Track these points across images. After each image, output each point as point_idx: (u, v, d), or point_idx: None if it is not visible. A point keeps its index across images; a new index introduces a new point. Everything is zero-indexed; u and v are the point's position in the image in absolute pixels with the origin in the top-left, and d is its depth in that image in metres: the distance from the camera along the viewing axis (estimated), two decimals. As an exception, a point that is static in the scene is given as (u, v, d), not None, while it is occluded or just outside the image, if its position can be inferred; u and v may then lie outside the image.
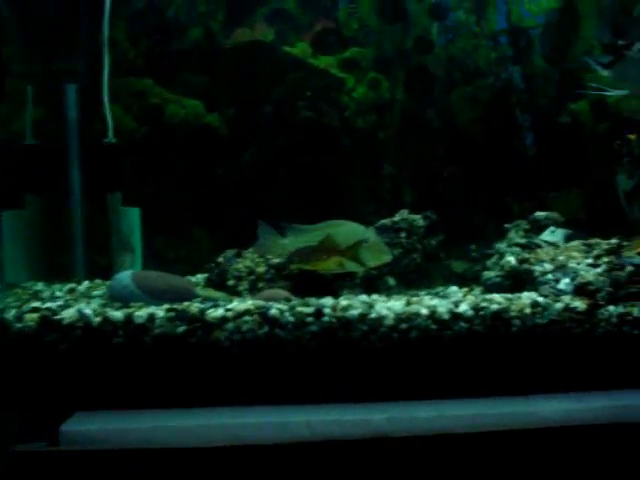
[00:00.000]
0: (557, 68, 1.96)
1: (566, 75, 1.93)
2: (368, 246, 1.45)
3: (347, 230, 1.47)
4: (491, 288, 1.53)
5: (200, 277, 1.73)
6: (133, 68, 1.83)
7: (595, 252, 1.51)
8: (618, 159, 1.57)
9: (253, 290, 1.51)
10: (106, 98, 1.71)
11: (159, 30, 1.85)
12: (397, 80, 1.93)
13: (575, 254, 1.50)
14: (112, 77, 1.72)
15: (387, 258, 1.49)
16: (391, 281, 1.56)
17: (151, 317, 1.31)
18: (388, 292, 1.51)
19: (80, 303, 1.44)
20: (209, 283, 1.62)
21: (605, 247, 1.51)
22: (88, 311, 1.33)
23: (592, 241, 1.55)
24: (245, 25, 1.92)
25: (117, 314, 1.32)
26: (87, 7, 1.70)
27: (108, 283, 1.54)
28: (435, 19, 2.03)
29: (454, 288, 1.59)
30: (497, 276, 1.55)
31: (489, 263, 1.58)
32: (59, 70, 1.70)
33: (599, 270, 1.43)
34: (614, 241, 1.53)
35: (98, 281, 1.70)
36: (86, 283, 1.69)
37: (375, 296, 1.46)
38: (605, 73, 1.61)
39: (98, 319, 1.31)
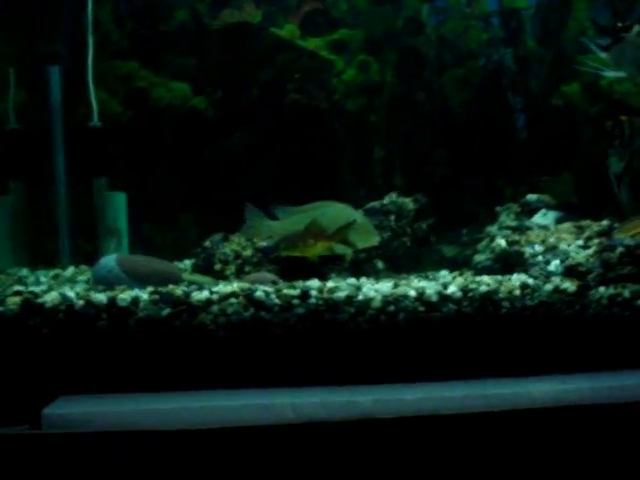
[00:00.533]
0: (549, 50, 1.94)
1: (558, 57, 1.91)
2: (356, 228, 1.44)
3: (335, 211, 1.45)
4: (482, 271, 1.52)
5: (188, 262, 1.71)
6: (118, 51, 1.81)
7: (586, 234, 1.50)
8: (609, 141, 1.55)
9: (240, 274, 1.50)
10: (90, 81, 1.68)
11: (144, 12, 1.83)
12: (387, 62, 1.91)
13: (566, 236, 1.48)
14: (97, 60, 1.70)
15: (375, 240, 1.48)
16: (380, 264, 1.54)
17: (135, 300, 1.29)
18: (377, 275, 1.50)
19: (64, 287, 1.43)
20: (196, 268, 1.60)
21: (596, 229, 1.50)
22: (71, 294, 1.31)
23: (583, 223, 1.53)
24: (232, 6, 1.89)
25: (100, 297, 1.29)
26: (69, -12, 1.68)
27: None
28: (425, 1, 2.01)
29: (444, 272, 1.58)
30: (487, 259, 1.53)
31: (480, 246, 1.57)
32: (42, 52, 1.67)
33: (589, 252, 1.42)
34: (605, 223, 1.52)
35: (84, 267, 1.68)
36: (71, 269, 1.67)
37: (364, 279, 1.45)
38: (603, 55, 1.59)
39: (81, 302, 1.28)
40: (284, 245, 1.44)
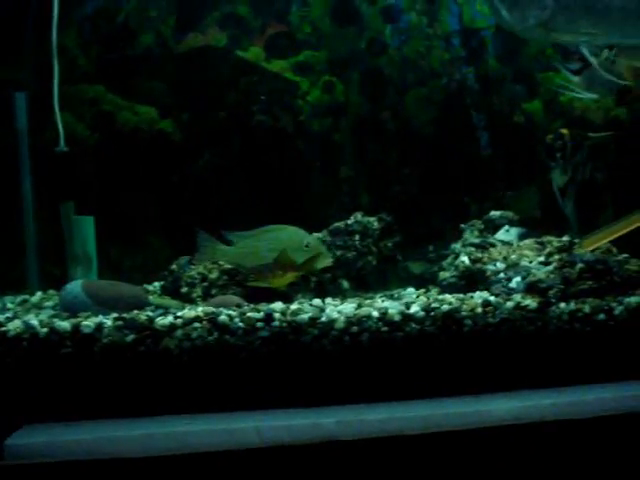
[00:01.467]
0: (510, 68, 1.98)
1: (519, 75, 1.95)
2: (309, 250, 1.46)
3: (287, 234, 1.47)
4: (446, 289, 1.54)
5: (157, 285, 1.71)
6: (84, 75, 1.82)
7: (547, 250, 1.52)
8: (551, 155, 1.57)
9: (206, 297, 1.50)
10: (57, 106, 1.69)
11: (109, 36, 1.83)
12: (351, 83, 1.93)
13: (527, 252, 1.51)
14: (63, 84, 1.70)
15: (328, 262, 1.50)
16: (345, 284, 1.55)
17: (99, 326, 1.29)
18: (342, 295, 1.51)
19: (30, 314, 1.43)
20: (164, 291, 1.60)
21: (557, 245, 1.52)
22: (34, 322, 1.30)
23: (544, 239, 1.55)
24: (197, 30, 1.91)
25: (64, 324, 1.29)
26: (33, 13, 1.68)
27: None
28: (388, 21, 2.03)
29: (411, 289, 1.59)
30: (452, 276, 1.55)
31: (444, 264, 1.59)
32: (4, 78, 1.68)
33: (550, 268, 1.45)
34: (566, 239, 1.54)
35: (51, 292, 1.68)
36: (39, 294, 1.66)
37: (329, 300, 1.46)
38: (575, 79, 1.63)
39: (45, 330, 1.29)
40: (253, 277, 1.47)
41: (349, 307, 1.35)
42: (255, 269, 1.47)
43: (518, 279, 1.44)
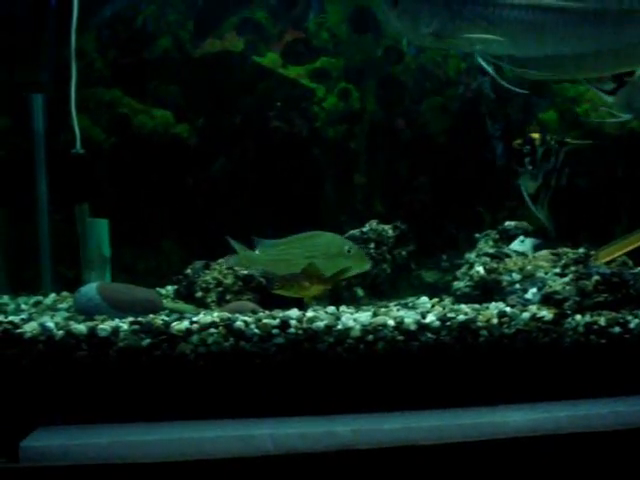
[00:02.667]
0: (526, 78, 1.98)
1: (535, 85, 1.95)
2: (350, 256, 1.45)
3: (325, 241, 1.47)
4: (460, 298, 1.54)
5: (170, 289, 1.71)
6: (101, 78, 1.82)
7: (563, 262, 1.52)
8: (519, 160, 1.54)
9: (221, 302, 1.50)
10: (73, 108, 1.69)
11: (128, 40, 1.84)
12: (367, 90, 1.94)
13: (543, 263, 1.50)
14: (80, 87, 1.71)
15: (367, 266, 1.49)
16: (360, 292, 1.55)
17: (115, 330, 1.29)
18: (357, 303, 1.51)
19: (44, 316, 1.43)
20: (178, 295, 1.60)
21: (572, 257, 1.52)
22: (51, 324, 1.30)
23: (560, 250, 1.55)
24: (214, 35, 1.92)
25: (80, 327, 1.29)
26: (52, 17, 1.69)
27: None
28: (405, 30, 2.04)
29: (424, 298, 1.59)
30: (466, 286, 1.55)
31: (459, 273, 1.58)
32: (23, 80, 1.68)
33: (566, 279, 1.44)
34: (581, 250, 1.54)
35: (65, 294, 1.68)
36: (53, 296, 1.66)
37: (344, 307, 1.46)
38: (610, 99, 1.62)
39: (61, 332, 1.29)
40: (279, 284, 1.46)
41: (365, 315, 1.35)
42: (282, 277, 1.46)
43: (534, 290, 1.44)
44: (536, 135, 1.55)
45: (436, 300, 1.56)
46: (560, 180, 1.50)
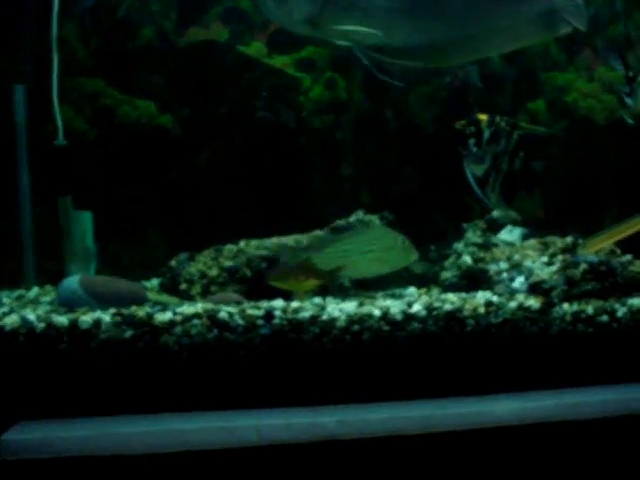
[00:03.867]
0: (514, 67, 1.96)
1: (524, 74, 1.94)
2: (404, 247, 1.45)
3: (379, 234, 1.47)
4: (448, 288, 1.53)
5: (155, 281, 1.70)
6: (84, 68, 1.80)
7: (550, 250, 1.51)
8: (462, 142, 1.46)
9: (206, 294, 1.48)
10: (56, 99, 1.67)
11: (110, 29, 1.82)
12: (354, 80, 1.92)
13: (530, 253, 1.50)
14: (62, 78, 1.68)
15: (415, 257, 1.50)
16: (346, 282, 1.54)
17: (97, 322, 1.27)
18: (343, 294, 1.49)
19: (27, 309, 1.41)
20: (162, 287, 1.59)
21: (560, 246, 1.51)
22: (31, 317, 1.29)
23: (548, 240, 1.54)
24: (199, 24, 1.90)
25: (62, 319, 1.28)
26: (33, 6, 1.67)
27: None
28: (391, 18, 2.02)
29: (412, 289, 1.58)
30: (454, 276, 1.54)
31: (447, 263, 1.57)
32: (3, 70, 1.66)
33: (553, 268, 1.44)
34: (569, 239, 1.53)
35: (48, 287, 1.66)
36: (36, 289, 1.64)
37: (329, 298, 1.44)
38: (629, 101, 1.59)
39: (42, 325, 1.27)
40: (275, 275, 1.44)
41: (350, 305, 1.33)
42: (277, 268, 1.45)
43: (521, 279, 1.43)
44: (483, 116, 1.47)
45: (424, 290, 1.56)
46: (513, 164, 1.46)
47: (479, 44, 1.50)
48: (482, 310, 1.33)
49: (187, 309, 1.30)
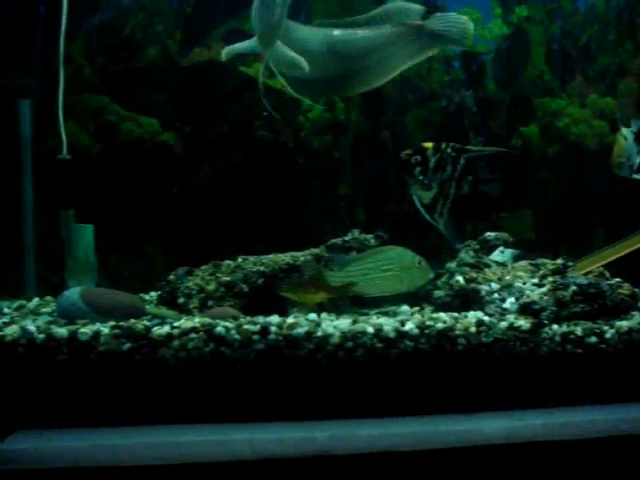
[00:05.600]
0: (508, 92, 2.01)
1: (517, 99, 1.98)
2: (420, 267, 1.49)
3: (397, 254, 1.50)
4: (441, 307, 1.55)
5: (154, 295, 1.72)
6: (89, 85, 1.84)
7: (541, 272, 1.54)
8: (408, 171, 1.50)
9: (203, 308, 1.51)
10: (61, 114, 1.71)
11: (115, 48, 1.86)
12: (352, 101, 1.97)
13: (522, 274, 1.52)
14: (68, 94, 1.72)
15: (431, 275, 1.54)
16: (341, 300, 1.57)
17: (96, 334, 1.30)
18: (338, 311, 1.52)
19: (27, 320, 1.43)
20: (161, 301, 1.61)
21: (551, 267, 1.54)
22: (32, 328, 1.31)
23: (539, 261, 1.57)
24: (202, 45, 1.94)
25: (61, 331, 1.30)
26: (41, 23, 1.71)
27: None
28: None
29: (405, 307, 1.60)
30: (447, 295, 1.56)
31: (439, 282, 1.60)
32: (10, 85, 1.69)
33: (544, 290, 1.46)
34: (560, 261, 1.56)
35: (49, 298, 1.68)
36: (36, 300, 1.67)
37: (325, 315, 1.47)
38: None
39: (42, 336, 1.29)
40: (287, 286, 1.49)
41: (345, 322, 1.36)
42: (291, 281, 1.49)
43: (512, 300, 1.46)
44: (428, 144, 1.52)
45: (416, 309, 1.58)
46: (461, 189, 1.49)
47: (365, 77, 1.57)
48: (473, 329, 1.35)
49: (185, 323, 1.33)
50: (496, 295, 1.46)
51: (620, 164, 1.68)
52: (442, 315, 1.42)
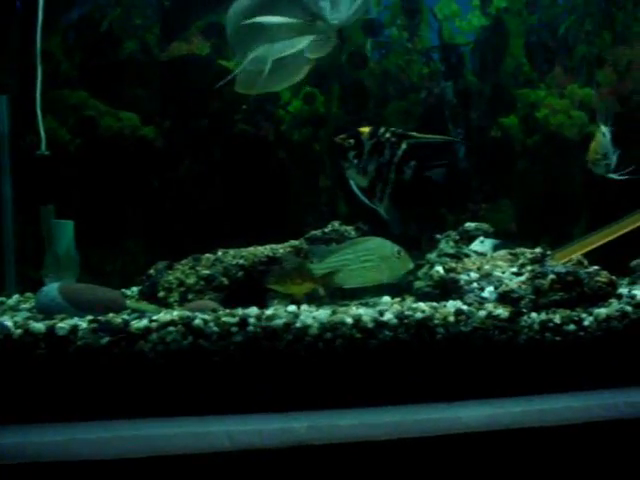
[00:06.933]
0: (488, 83, 2.02)
1: (496, 90, 1.99)
2: (400, 257, 1.50)
3: (376, 244, 1.51)
4: (421, 298, 1.56)
5: (135, 289, 1.72)
6: (67, 80, 1.83)
7: (520, 261, 1.55)
8: (343, 154, 1.48)
9: (183, 301, 1.51)
10: (39, 110, 1.70)
11: (94, 43, 1.85)
12: (332, 94, 1.97)
13: (501, 263, 1.53)
14: (46, 89, 1.72)
15: (411, 266, 1.55)
16: (321, 291, 1.57)
17: (74, 328, 1.29)
18: (318, 303, 1.52)
19: (5, 316, 1.42)
20: (141, 295, 1.61)
21: (529, 256, 1.55)
22: (8, 323, 1.30)
23: (518, 250, 1.58)
24: (181, 38, 1.94)
25: (38, 326, 1.29)
26: (17, 19, 1.70)
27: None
28: (369, 35, 2.08)
29: (386, 298, 1.61)
30: (427, 286, 1.57)
31: (420, 273, 1.61)
32: (-13, 81, 1.69)
33: (522, 278, 1.47)
34: (538, 250, 1.57)
35: (29, 295, 1.68)
36: (16, 297, 1.66)
37: (304, 306, 1.47)
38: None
39: (19, 331, 1.29)
40: (274, 278, 1.49)
41: (323, 313, 1.36)
42: (276, 272, 1.49)
43: (491, 289, 1.46)
44: (365, 129, 1.50)
45: (397, 299, 1.59)
46: (402, 174, 1.47)
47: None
48: (452, 319, 1.36)
49: (163, 316, 1.32)
50: (475, 284, 1.46)
51: (596, 161, 1.68)
52: (421, 305, 1.42)
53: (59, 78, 1.83)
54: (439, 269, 1.54)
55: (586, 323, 1.40)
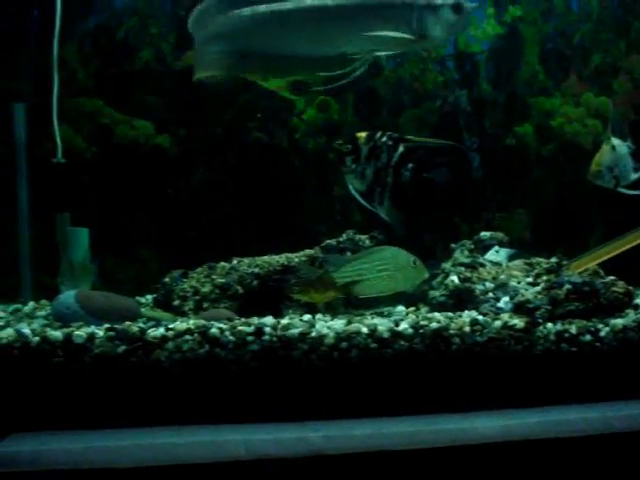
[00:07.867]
0: (502, 92, 2.02)
1: (511, 98, 1.99)
2: (415, 267, 1.50)
3: (392, 254, 1.51)
4: (436, 307, 1.56)
5: (149, 297, 1.73)
6: (83, 88, 1.84)
7: (535, 271, 1.54)
8: (340, 159, 1.50)
9: (198, 310, 1.51)
10: (55, 118, 1.71)
11: (109, 51, 1.86)
12: (346, 102, 1.97)
13: (516, 273, 1.53)
14: (62, 97, 1.73)
15: (426, 275, 1.55)
16: (339, 300, 1.57)
17: (91, 337, 1.30)
18: (333, 312, 1.52)
19: (22, 323, 1.44)
20: (156, 303, 1.62)
21: (545, 266, 1.54)
22: (26, 331, 1.31)
23: (533, 260, 1.58)
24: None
25: (56, 334, 1.30)
26: (35, 27, 1.71)
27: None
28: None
29: (401, 308, 1.61)
30: (442, 295, 1.57)
31: (434, 283, 1.60)
32: (5, 89, 1.70)
33: (538, 288, 1.47)
34: (554, 260, 1.56)
35: (44, 302, 1.69)
36: (32, 304, 1.67)
37: (319, 315, 1.47)
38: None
39: (37, 339, 1.30)
40: (298, 288, 1.50)
41: (339, 323, 1.36)
42: (300, 282, 1.51)
43: (506, 299, 1.46)
44: (362, 134, 1.52)
45: (412, 309, 1.58)
46: (400, 177, 1.48)
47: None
48: (468, 329, 1.36)
49: (179, 325, 1.33)
50: (490, 294, 1.46)
51: (598, 172, 1.66)
52: (436, 315, 1.42)
53: (75, 86, 1.85)
54: (454, 278, 1.54)
55: (602, 334, 1.39)
